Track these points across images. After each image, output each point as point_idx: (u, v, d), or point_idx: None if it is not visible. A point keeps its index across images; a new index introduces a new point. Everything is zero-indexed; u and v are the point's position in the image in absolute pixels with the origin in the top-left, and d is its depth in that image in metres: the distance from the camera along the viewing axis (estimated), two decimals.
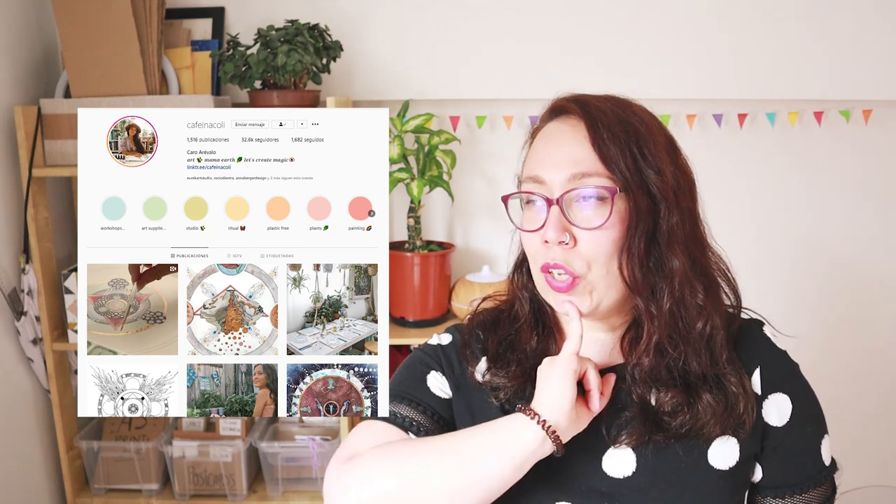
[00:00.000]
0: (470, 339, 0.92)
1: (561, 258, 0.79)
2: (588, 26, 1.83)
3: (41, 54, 1.80)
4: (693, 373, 0.81)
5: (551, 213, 0.79)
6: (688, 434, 0.80)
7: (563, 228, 0.78)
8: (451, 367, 0.92)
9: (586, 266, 0.79)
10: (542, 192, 0.80)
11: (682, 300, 0.80)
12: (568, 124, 0.81)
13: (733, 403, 0.80)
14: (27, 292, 1.67)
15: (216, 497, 1.78)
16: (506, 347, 0.89)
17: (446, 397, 0.90)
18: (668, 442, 0.80)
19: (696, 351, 0.81)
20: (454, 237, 1.98)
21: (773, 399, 0.84)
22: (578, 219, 0.78)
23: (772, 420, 0.83)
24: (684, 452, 0.81)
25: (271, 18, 1.76)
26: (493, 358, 0.89)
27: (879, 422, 2.07)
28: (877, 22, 1.82)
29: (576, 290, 0.79)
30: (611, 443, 0.82)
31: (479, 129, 1.90)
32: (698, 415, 0.79)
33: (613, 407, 0.83)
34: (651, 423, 0.80)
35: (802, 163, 1.93)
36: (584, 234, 0.78)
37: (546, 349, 0.88)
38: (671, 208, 0.80)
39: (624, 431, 0.81)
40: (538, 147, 0.84)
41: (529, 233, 0.82)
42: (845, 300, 2.02)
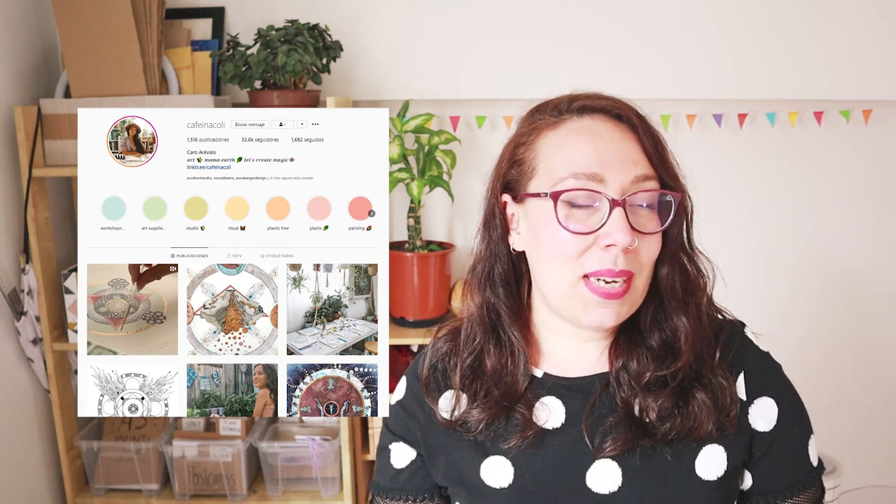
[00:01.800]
0: (430, 377, 0.87)
1: (624, 263, 0.73)
2: (588, 26, 1.83)
3: (41, 54, 1.80)
4: (686, 373, 0.79)
5: (615, 215, 0.73)
6: (676, 438, 0.77)
7: (631, 232, 0.73)
8: (414, 416, 0.88)
9: (640, 267, 0.76)
10: (601, 189, 0.74)
11: (702, 307, 0.81)
12: (608, 125, 0.77)
13: (721, 397, 0.78)
14: (27, 292, 1.67)
15: (216, 497, 1.78)
16: (471, 378, 0.84)
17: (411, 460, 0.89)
18: (656, 448, 0.77)
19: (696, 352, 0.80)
20: (454, 237, 1.98)
21: (759, 403, 0.81)
22: (638, 224, 0.74)
23: (759, 426, 0.80)
24: (672, 459, 0.77)
25: (271, 18, 1.76)
26: (460, 386, 0.84)
27: (879, 422, 2.08)
28: (877, 22, 1.82)
29: (625, 298, 0.75)
30: (595, 452, 0.78)
31: (479, 129, 1.90)
32: (690, 415, 0.77)
33: (596, 414, 0.80)
34: (637, 427, 0.77)
35: (802, 163, 1.93)
36: (643, 239, 0.75)
37: (515, 371, 0.83)
38: (691, 214, 0.81)
39: (608, 438, 0.77)
40: (580, 143, 0.76)
41: (582, 234, 0.74)
42: (845, 300, 2.02)
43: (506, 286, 0.84)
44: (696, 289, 0.81)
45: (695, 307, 0.80)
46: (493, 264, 0.84)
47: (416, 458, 0.89)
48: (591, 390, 0.81)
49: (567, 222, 0.75)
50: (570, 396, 0.82)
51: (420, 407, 0.88)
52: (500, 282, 0.84)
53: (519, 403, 0.81)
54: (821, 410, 1.02)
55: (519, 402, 0.81)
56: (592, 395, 0.81)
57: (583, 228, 0.74)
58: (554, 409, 0.82)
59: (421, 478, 0.89)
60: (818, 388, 0.88)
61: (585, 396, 0.81)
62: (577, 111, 0.78)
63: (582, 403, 0.81)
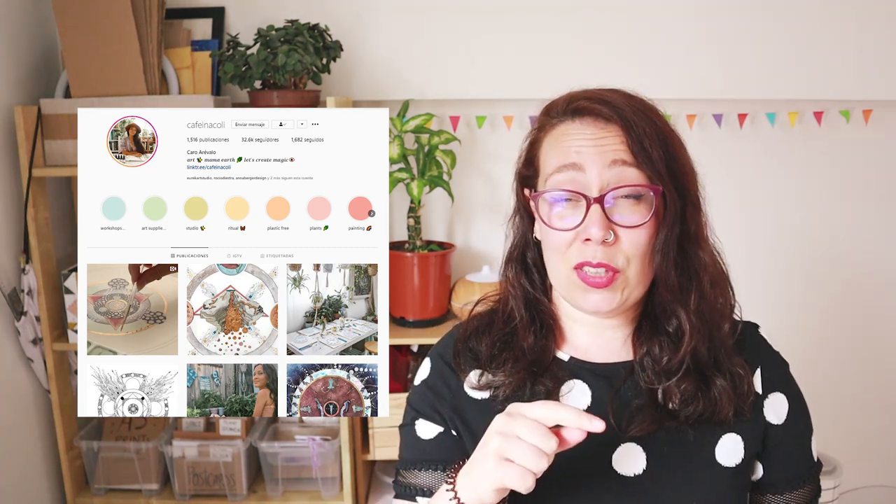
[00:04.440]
0: (462, 350, 0.90)
1: (602, 255, 0.78)
2: (588, 26, 1.83)
3: (41, 54, 1.80)
4: (705, 361, 0.82)
5: (593, 211, 0.77)
6: (699, 422, 0.81)
7: (607, 226, 0.77)
8: (440, 395, 0.89)
9: (626, 261, 0.79)
10: (579, 188, 0.79)
11: (708, 300, 0.82)
12: (595, 126, 0.80)
13: (739, 384, 0.82)
14: (27, 292, 1.67)
15: (216, 497, 1.78)
16: (500, 348, 0.88)
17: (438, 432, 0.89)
18: (679, 432, 0.81)
19: (713, 343, 0.83)
20: (454, 237, 1.98)
21: (773, 398, 0.86)
22: (619, 217, 0.78)
23: (772, 419, 0.85)
24: (695, 443, 0.81)
25: (271, 18, 1.76)
26: (487, 360, 0.87)
27: (879, 422, 2.08)
28: (877, 22, 1.82)
29: (613, 285, 0.79)
30: (622, 433, 0.81)
31: (479, 129, 1.90)
32: (711, 400, 0.80)
33: (622, 398, 0.83)
34: (662, 410, 0.81)
35: (802, 163, 1.93)
36: (625, 231, 0.78)
37: (545, 347, 0.87)
38: (697, 208, 0.82)
39: (634, 419, 0.81)
40: (562, 141, 0.81)
41: (563, 231, 0.80)
42: (845, 300, 2.02)
43: (537, 271, 0.89)
44: (696, 279, 0.82)
45: (696, 298, 0.81)
46: (525, 250, 0.90)
47: (443, 430, 0.89)
48: (616, 376, 0.85)
49: (552, 220, 0.81)
50: (595, 380, 0.85)
51: (446, 385, 0.89)
52: (532, 266, 0.89)
53: (545, 377, 0.84)
54: (821, 410, 1.03)
55: (545, 376, 0.85)
56: (617, 380, 0.84)
57: (566, 225, 0.80)
58: (580, 391, 0.85)
59: (449, 447, 0.88)
60: (816, 387, 0.90)
61: (610, 381, 0.84)
62: (570, 113, 0.82)
63: (607, 388, 0.84)
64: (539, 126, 0.86)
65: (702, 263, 0.82)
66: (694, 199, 0.82)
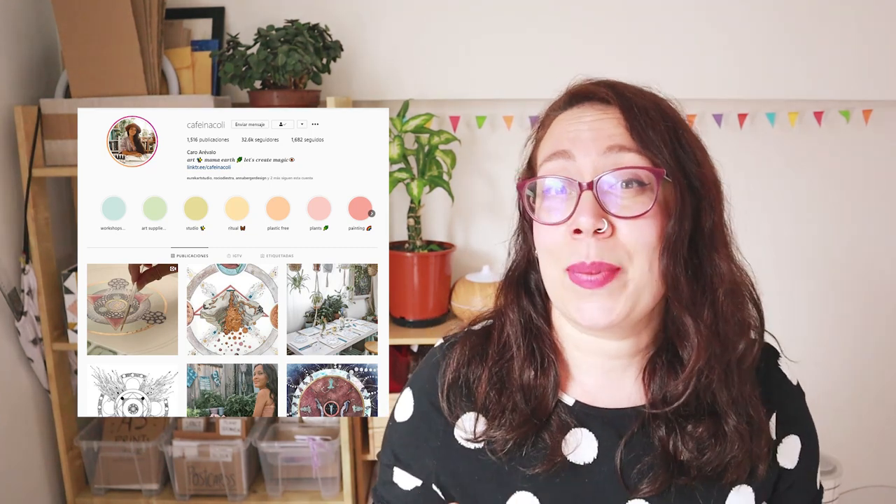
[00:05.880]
0: (451, 386, 0.80)
1: (596, 253, 0.67)
2: (588, 27, 1.83)
3: (41, 54, 1.80)
4: (720, 399, 0.72)
5: (584, 198, 0.67)
6: (712, 474, 0.73)
7: (599, 215, 0.66)
8: (425, 440, 0.82)
9: (627, 257, 0.68)
10: (570, 175, 0.69)
11: (722, 314, 0.71)
12: (593, 109, 0.71)
13: (758, 430, 0.73)
14: (27, 292, 1.67)
15: (216, 497, 1.78)
16: (498, 389, 0.77)
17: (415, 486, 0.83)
18: (692, 485, 0.73)
19: (728, 371, 0.72)
20: (454, 237, 1.98)
21: (787, 441, 0.80)
22: (615, 207, 0.67)
23: (785, 464, 0.80)
24: (703, 501, 0.74)
25: (271, 18, 1.76)
26: (483, 407, 0.77)
27: (879, 422, 2.08)
28: (876, 22, 1.82)
29: (611, 284, 0.67)
30: (630, 493, 0.74)
31: (479, 129, 1.90)
32: (726, 447, 0.72)
33: (631, 453, 0.75)
34: (674, 466, 0.72)
35: (802, 163, 1.93)
36: (623, 224, 0.67)
37: (547, 389, 0.76)
38: (713, 205, 0.72)
39: (645, 479, 0.73)
40: (556, 130, 0.73)
41: (552, 226, 0.70)
42: (844, 299, 2.02)
43: (539, 295, 0.79)
44: (710, 289, 0.71)
45: (710, 313, 0.70)
46: (527, 271, 0.80)
47: (421, 484, 0.82)
48: (626, 425, 0.76)
49: (541, 215, 0.72)
50: (602, 430, 0.76)
51: (432, 430, 0.81)
52: (535, 289, 0.80)
53: (548, 426, 0.75)
54: (821, 410, 1.03)
55: (548, 425, 0.76)
56: (627, 430, 0.75)
57: (556, 218, 0.70)
58: (585, 442, 0.76)
59: (426, 502, 0.82)
60: (817, 388, 0.89)
61: (619, 431, 0.75)
62: (569, 102, 0.75)
63: (615, 438, 0.75)
64: (540, 124, 0.78)
65: (718, 271, 0.71)
66: (710, 196, 0.72)
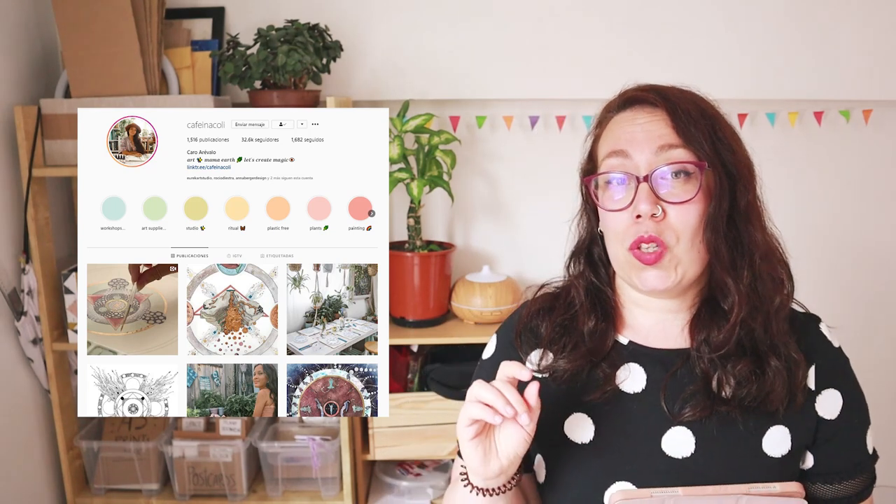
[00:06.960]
0: (523, 331, 0.95)
1: (654, 230, 0.81)
2: (588, 27, 1.83)
3: (41, 54, 1.80)
4: (761, 340, 0.84)
5: (641, 189, 0.82)
6: (752, 405, 0.83)
7: (654, 201, 0.81)
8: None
9: (675, 238, 0.82)
10: (629, 170, 0.83)
11: (760, 275, 0.85)
12: (643, 112, 0.85)
13: (794, 369, 0.84)
14: (27, 292, 1.67)
15: (216, 497, 1.78)
16: (560, 332, 0.91)
17: None
18: (730, 418, 0.83)
19: (767, 321, 0.85)
20: (454, 237, 1.98)
21: (826, 394, 0.88)
22: (666, 194, 0.82)
23: (824, 413, 0.88)
24: (744, 430, 0.83)
25: (271, 18, 1.76)
26: (548, 342, 0.91)
27: (879, 422, 2.07)
28: (877, 22, 1.82)
29: (662, 262, 0.82)
30: (674, 419, 0.84)
31: (479, 129, 1.90)
32: (765, 383, 0.82)
33: (676, 384, 0.86)
34: (715, 396, 0.83)
35: (802, 163, 1.93)
36: (672, 208, 0.82)
37: (605, 332, 0.90)
38: (747, 186, 0.85)
39: (688, 405, 0.84)
40: (614, 130, 0.87)
41: (616, 212, 0.84)
42: (844, 299, 2.02)
43: (601, 263, 0.93)
44: (748, 255, 0.84)
45: (748, 273, 0.84)
46: (590, 244, 0.94)
47: None
48: (672, 361, 0.88)
49: (605, 202, 0.86)
50: (651, 365, 0.88)
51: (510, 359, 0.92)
52: (596, 259, 0.94)
53: (604, 362, 0.89)
54: None
55: (604, 361, 0.89)
56: (673, 366, 0.87)
57: (619, 205, 0.84)
58: (636, 374, 0.88)
59: None
60: None
61: (666, 367, 0.88)
62: (622, 105, 0.88)
63: (662, 373, 0.87)
64: (598, 123, 0.91)
65: (754, 240, 0.85)
66: (744, 179, 0.85)
